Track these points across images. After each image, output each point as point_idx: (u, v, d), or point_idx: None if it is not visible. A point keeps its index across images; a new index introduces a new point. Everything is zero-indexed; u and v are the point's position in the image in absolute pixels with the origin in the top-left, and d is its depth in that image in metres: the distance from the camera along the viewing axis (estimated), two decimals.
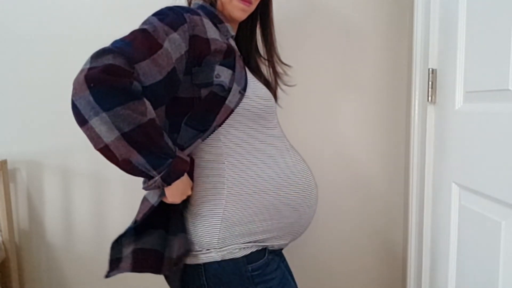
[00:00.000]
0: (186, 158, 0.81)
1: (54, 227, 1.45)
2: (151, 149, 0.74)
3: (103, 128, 0.68)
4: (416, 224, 1.22)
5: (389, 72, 1.47)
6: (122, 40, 0.74)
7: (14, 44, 1.38)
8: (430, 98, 1.12)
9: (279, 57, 1.12)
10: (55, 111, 1.39)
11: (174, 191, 0.83)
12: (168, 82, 0.77)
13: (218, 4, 0.93)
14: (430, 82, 1.11)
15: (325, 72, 1.45)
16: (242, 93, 0.85)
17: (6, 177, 1.39)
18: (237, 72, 0.85)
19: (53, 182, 1.44)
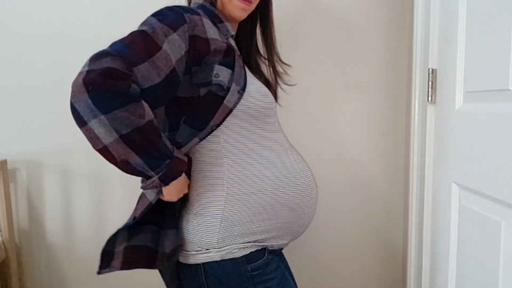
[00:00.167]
0: (183, 158, 0.81)
1: (54, 227, 1.45)
2: (149, 150, 0.74)
3: (101, 130, 0.68)
4: (416, 224, 1.22)
5: (389, 72, 1.47)
6: (121, 42, 0.74)
7: (14, 44, 1.38)
8: (430, 98, 1.12)
9: (279, 56, 1.12)
10: (55, 111, 1.39)
11: (171, 190, 0.84)
12: (167, 84, 0.77)
13: (218, 4, 0.93)
14: (430, 82, 1.11)
15: (325, 72, 1.45)
16: (241, 93, 0.85)
17: (6, 177, 1.39)
18: (236, 72, 0.85)
19: (53, 182, 1.44)
